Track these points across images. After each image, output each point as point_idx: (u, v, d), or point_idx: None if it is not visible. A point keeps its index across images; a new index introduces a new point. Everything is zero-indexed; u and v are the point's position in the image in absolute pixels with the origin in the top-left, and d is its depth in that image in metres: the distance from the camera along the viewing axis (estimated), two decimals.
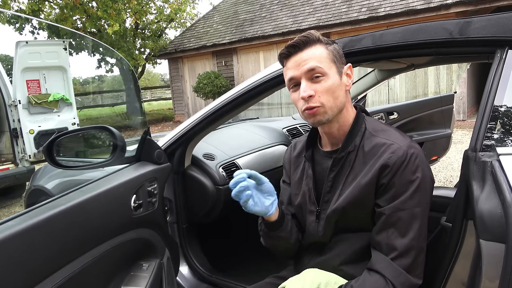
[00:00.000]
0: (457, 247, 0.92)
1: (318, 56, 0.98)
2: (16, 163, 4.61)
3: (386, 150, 0.96)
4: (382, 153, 0.96)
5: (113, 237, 1.13)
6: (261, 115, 6.70)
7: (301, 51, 0.99)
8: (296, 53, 0.99)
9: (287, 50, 1.01)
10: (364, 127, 1.04)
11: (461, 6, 7.21)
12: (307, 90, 0.97)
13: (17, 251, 0.83)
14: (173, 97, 12.97)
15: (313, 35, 0.99)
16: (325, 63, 0.98)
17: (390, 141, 0.97)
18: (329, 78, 0.97)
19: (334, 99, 0.99)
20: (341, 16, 8.80)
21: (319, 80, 0.97)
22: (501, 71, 0.88)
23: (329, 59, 0.99)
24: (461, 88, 7.88)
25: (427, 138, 2.48)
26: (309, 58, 0.97)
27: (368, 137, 1.01)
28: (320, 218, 1.08)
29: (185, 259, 1.67)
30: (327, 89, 0.97)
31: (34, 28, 12.01)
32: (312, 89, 0.97)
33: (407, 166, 0.93)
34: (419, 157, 0.95)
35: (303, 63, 0.97)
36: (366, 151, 1.00)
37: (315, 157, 1.14)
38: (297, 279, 1.00)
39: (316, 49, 0.98)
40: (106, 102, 9.94)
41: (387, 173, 0.93)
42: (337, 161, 1.04)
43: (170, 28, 17.14)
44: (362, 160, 1.00)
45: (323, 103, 0.97)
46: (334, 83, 0.98)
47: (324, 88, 0.97)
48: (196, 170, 1.66)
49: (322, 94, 0.97)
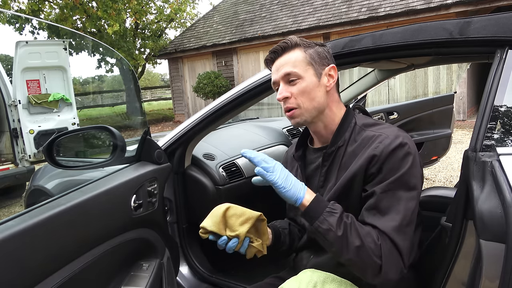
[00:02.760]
0: (457, 247, 0.92)
1: (294, 60, 1.03)
2: (16, 163, 4.61)
3: (374, 140, 0.98)
4: (370, 144, 0.99)
5: (113, 237, 1.13)
6: (261, 115, 6.70)
7: (280, 56, 1.06)
8: (276, 59, 1.06)
9: (269, 56, 1.08)
10: (354, 122, 1.07)
11: (461, 6, 7.22)
12: (282, 92, 1.03)
13: (17, 251, 0.83)
14: (173, 97, 12.97)
15: (291, 41, 1.05)
16: (300, 67, 1.02)
17: (379, 133, 1.00)
18: (304, 80, 1.02)
19: (310, 100, 1.03)
20: (341, 16, 8.80)
21: (294, 83, 1.03)
22: (501, 71, 0.88)
23: (305, 62, 1.03)
24: (461, 88, 7.88)
25: (427, 138, 2.48)
26: (286, 63, 1.03)
27: (358, 132, 1.04)
28: None
29: (185, 259, 1.67)
30: (302, 90, 1.02)
31: (34, 28, 12.01)
32: (288, 91, 1.03)
33: (394, 154, 0.94)
34: (407, 145, 0.96)
35: (281, 67, 1.04)
36: (356, 144, 1.02)
37: (307, 156, 1.17)
38: (293, 280, 1.00)
39: (294, 53, 1.04)
40: (106, 102, 9.93)
41: (375, 162, 0.95)
42: (328, 156, 1.06)
43: (170, 28, 17.16)
44: (352, 153, 1.02)
45: (299, 104, 1.03)
46: (309, 84, 1.02)
47: (299, 90, 1.02)
48: (196, 170, 1.66)
49: (298, 96, 1.03)
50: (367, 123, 1.06)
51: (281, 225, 1.24)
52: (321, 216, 0.92)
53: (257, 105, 2.12)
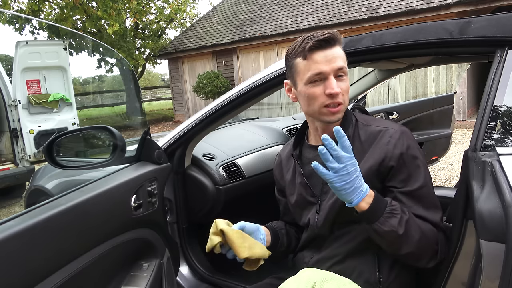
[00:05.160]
0: (457, 247, 0.92)
1: (343, 56, 1.00)
2: (16, 163, 4.61)
3: (384, 135, 1.01)
4: (380, 139, 1.01)
5: (113, 237, 1.13)
6: (261, 115, 6.70)
7: (331, 47, 0.98)
8: (327, 48, 0.97)
9: (318, 43, 0.96)
10: (354, 119, 1.09)
11: (461, 6, 7.21)
12: (338, 86, 0.98)
13: (17, 251, 0.83)
14: (173, 97, 12.96)
15: (340, 36, 1.00)
16: (346, 65, 1.01)
17: (385, 127, 1.03)
18: (347, 79, 1.02)
19: (347, 99, 1.04)
20: (341, 16, 8.80)
21: (342, 78, 1.00)
22: (501, 71, 0.88)
23: (345, 61, 1.02)
24: (461, 88, 7.88)
25: (427, 138, 2.48)
26: (339, 56, 0.99)
27: (362, 127, 1.07)
28: (321, 209, 1.09)
29: (185, 259, 1.67)
30: (347, 88, 1.02)
31: (34, 28, 12.01)
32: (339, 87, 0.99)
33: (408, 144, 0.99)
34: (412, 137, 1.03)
35: (333, 59, 0.97)
36: (363, 140, 1.04)
37: (304, 154, 1.16)
38: (292, 280, 1.00)
39: (340, 49, 1.01)
40: (106, 102, 9.94)
41: (391, 155, 0.98)
42: None
43: (170, 28, 17.15)
44: (360, 149, 1.03)
45: (344, 101, 1.02)
46: (348, 83, 1.03)
47: (346, 87, 1.02)
48: (196, 170, 1.66)
49: (345, 93, 1.01)
50: (368, 118, 1.09)
51: (278, 226, 1.25)
52: (381, 218, 0.91)
53: (257, 105, 2.13)
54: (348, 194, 0.89)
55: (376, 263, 1.03)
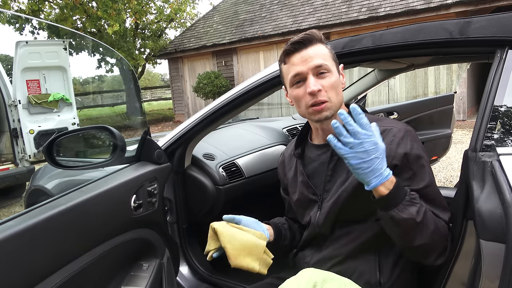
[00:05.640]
0: (457, 247, 0.92)
1: (323, 54, 1.02)
2: (16, 163, 4.61)
3: (388, 134, 1.00)
4: (384, 138, 0.99)
5: (113, 237, 1.13)
6: (261, 115, 6.70)
7: (306, 47, 1.01)
8: (301, 49, 1.01)
9: (292, 46, 1.02)
10: None
11: (461, 6, 7.21)
12: (316, 84, 0.99)
13: (17, 251, 0.83)
14: (173, 97, 12.96)
15: (317, 35, 1.03)
16: (329, 61, 1.02)
17: (389, 126, 1.03)
18: (332, 74, 1.01)
19: (337, 95, 1.03)
20: (341, 16, 8.80)
21: (324, 76, 1.00)
22: (501, 71, 0.88)
23: (330, 57, 1.03)
24: (461, 88, 7.88)
25: (427, 138, 2.48)
26: (315, 54, 1.00)
27: None
28: (322, 207, 1.09)
29: (185, 259, 1.67)
30: (332, 84, 1.01)
31: (34, 28, 12.00)
32: (319, 84, 0.99)
33: (411, 143, 0.99)
34: (416, 136, 1.03)
35: (309, 59, 1.00)
36: None
37: (306, 153, 1.17)
38: (293, 280, 1.00)
39: (320, 47, 1.02)
40: (106, 102, 9.94)
41: (394, 154, 0.97)
42: None
43: (170, 28, 17.14)
44: None
45: (330, 98, 1.01)
46: (337, 80, 1.02)
47: (330, 83, 1.00)
48: (196, 170, 1.66)
49: (328, 90, 1.00)
50: (372, 118, 1.08)
51: (279, 221, 1.25)
52: (400, 205, 0.87)
53: (257, 105, 2.13)
54: (365, 174, 0.85)
55: (377, 264, 1.03)
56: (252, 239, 1.05)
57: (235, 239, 1.03)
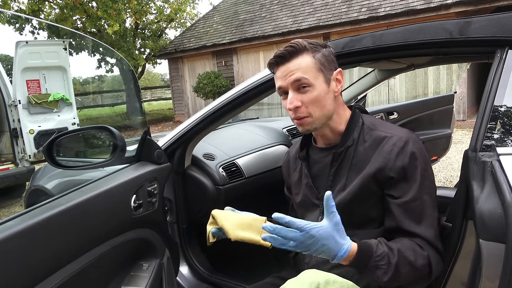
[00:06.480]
0: (457, 247, 0.92)
1: (304, 67, 0.98)
2: (16, 163, 4.61)
3: (388, 142, 0.99)
4: (383, 146, 0.99)
5: (113, 237, 1.13)
6: (261, 115, 6.70)
7: (287, 61, 1.00)
8: (283, 64, 1.00)
9: (274, 60, 1.02)
10: (361, 122, 1.07)
11: (461, 6, 7.21)
12: (293, 101, 0.99)
13: (17, 251, 0.83)
14: (173, 97, 12.97)
15: (300, 45, 1.00)
16: (311, 73, 0.98)
17: (390, 134, 1.00)
18: (315, 88, 0.99)
19: (321, 108, 1.01)
20: (341, 16, 8.80)
21: (305, 90, 0.99)
22: (501, 71, 0.88)
23: (315, 68, 0.99)
24: (461, 88, 7.88)
25: (427, 138, 2.48)
26: (295, 69, 0.98)
27: (367, 131, 1.04)
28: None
29: (185, 259, 1.67)
30: (313, 99, 0.99)
31: (34, 28, 12.01)
32: (299, 100, 0.99)
33: (411, 155, 0.96)
34: (419, 145, 0.99)
35: (289, 73, 0.99)
36: (367, 145, 1.02)
37: (311, 155, 1.16)
38: (295, 281, 1.00)
39: (303, 59, 0.99)
40: (106, 102, 9.94)
41: (392, 165, 0.96)
42: (337, 156, 1.05)
43: (170, 28, 17.15)
44: (363, 153, 1.02)
45: (311, 113, 1.00)
46: (321, 93, 1.00)
47: (310, 99, 0.99)
48: (196, 170, 1.66)
49: (309, 105, 0.99)
50: (375, 122, 1.07)
51: None
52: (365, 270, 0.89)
53: (257, 105, 2.12)
54: (322, 254, 0.86)
55: None
56: (251, 215, 1.03)
57: (232, 216, 1.02)
